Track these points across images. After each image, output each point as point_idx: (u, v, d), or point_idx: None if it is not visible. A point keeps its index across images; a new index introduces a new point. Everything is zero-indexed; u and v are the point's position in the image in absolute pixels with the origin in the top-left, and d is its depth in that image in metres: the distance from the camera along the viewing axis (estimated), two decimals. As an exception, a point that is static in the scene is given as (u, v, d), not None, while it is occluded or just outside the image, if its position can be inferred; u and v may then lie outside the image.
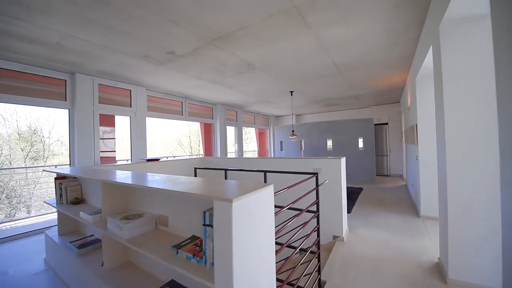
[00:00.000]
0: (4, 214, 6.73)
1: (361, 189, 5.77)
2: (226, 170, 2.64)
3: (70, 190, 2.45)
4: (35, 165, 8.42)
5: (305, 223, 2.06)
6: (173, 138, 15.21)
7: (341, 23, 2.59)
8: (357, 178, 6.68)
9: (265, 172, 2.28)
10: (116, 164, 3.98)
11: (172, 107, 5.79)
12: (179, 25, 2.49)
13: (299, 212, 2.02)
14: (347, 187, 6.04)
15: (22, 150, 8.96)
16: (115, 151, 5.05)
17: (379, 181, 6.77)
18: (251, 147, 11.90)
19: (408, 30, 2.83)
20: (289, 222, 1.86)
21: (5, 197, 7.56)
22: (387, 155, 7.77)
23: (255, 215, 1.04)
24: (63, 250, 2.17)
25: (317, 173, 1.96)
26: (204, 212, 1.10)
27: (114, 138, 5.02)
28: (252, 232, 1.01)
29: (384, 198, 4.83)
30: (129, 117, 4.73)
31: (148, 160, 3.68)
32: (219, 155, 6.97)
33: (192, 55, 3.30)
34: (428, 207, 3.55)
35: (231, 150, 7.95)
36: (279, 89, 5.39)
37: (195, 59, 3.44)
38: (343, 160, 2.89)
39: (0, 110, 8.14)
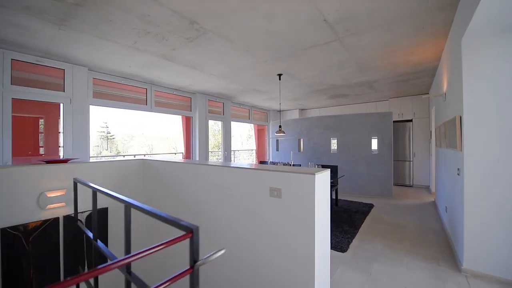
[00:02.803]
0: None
1: (371, 206, 4.31)
2: (95, 190, 1.45)
3: None
4: None
5: None
6: (178, 133, 14.40)
7: None
8: (367, 190, 5.18)
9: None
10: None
11: (134, 94, 4.70)
12: None
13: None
14: (352, 203, 4.63)
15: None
16: (60, 146, 4.09)
17: (397, 194, 5.23)
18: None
19: None
20: None
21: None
22: (410, 160, 6.15)
23: None
24: None
25: (192, 231, 0.70)
26: None
27: (60, 132, 4.05)
28: None
29: (403, 225, 3.36)
30: (61, 104, 3.69)
31: (49, 162, 2.58)
32: (197, 155, 5.82)
33: (92, 3, 2.12)
34: (479, 256, 2.10)
35: (232, 147, 6.79)
36: (261, 70, 4.08)
37: (102, 13, 2.26)
38: (321, 176, 1.57)
39: None
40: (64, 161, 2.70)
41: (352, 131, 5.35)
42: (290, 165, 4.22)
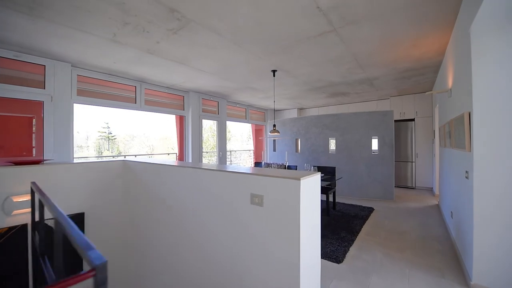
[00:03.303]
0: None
1: (371, 210, 4.07)
2: (40, 200, 1.23)
3: None
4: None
5: None
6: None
7: None
8: (368, 193, 4.94)
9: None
10: None
11: (123, 92, 4.50)
12: None
13: None
14: (350, 206, 4.40)
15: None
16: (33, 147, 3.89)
17: (399, 197, 4.98)
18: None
19: None
20: None
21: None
22: (412, 161, 5.90)
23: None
24: None
25: (95, 268, 0.49)
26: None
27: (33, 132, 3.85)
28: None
29: (405, 232, 3.12)
30: (42, 102, 3.49)
31: (18, 163, 2.38)
32: (190, 156, 5.61)
33: (57, -13, 1.92)
34: (491, 270, 1.86)
35: (233, 147, 6.57)
36: (254, 66, 3.86)
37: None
38: (308, 181, 1.35)
39: None
40: (37, 161, 2.50)
41: (351, 131, 5.11)
42: (285, 167, 3.99)
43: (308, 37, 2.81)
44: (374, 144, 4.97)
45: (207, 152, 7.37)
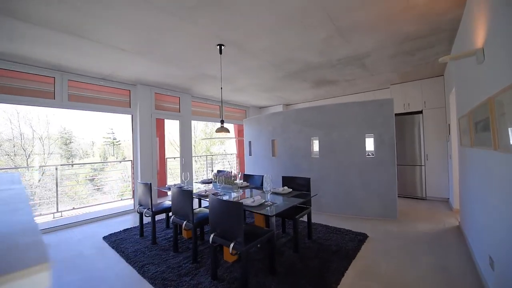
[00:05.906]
0: None
1: (363, 238, 2.86)
2: None
3: None
4: None
5: None
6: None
7: None
8: (361, 209, 3.73)
9: None
10: None
11: (35, 85, 3.45)
12: None
13: None
14: (334, 233, 2.74)
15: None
16: None
17: (405, 214, 3.74)
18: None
19: None
20: None
21: None
22: (421, 165, 4.65)
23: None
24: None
25: None
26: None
27: None
28: None
29: (412, 286, 1.91)
30: None
31: None
32: (139, 165, 4.51)
33: None
34: None
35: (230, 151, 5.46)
36: (187, 37, 2.74)
37: None
38: None
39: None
40: None
41: (339, 128, 3.91)
42: (237, 177, 2.84)
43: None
44: (369, 144, 3.76)
45: (174, 159, 6.27)
